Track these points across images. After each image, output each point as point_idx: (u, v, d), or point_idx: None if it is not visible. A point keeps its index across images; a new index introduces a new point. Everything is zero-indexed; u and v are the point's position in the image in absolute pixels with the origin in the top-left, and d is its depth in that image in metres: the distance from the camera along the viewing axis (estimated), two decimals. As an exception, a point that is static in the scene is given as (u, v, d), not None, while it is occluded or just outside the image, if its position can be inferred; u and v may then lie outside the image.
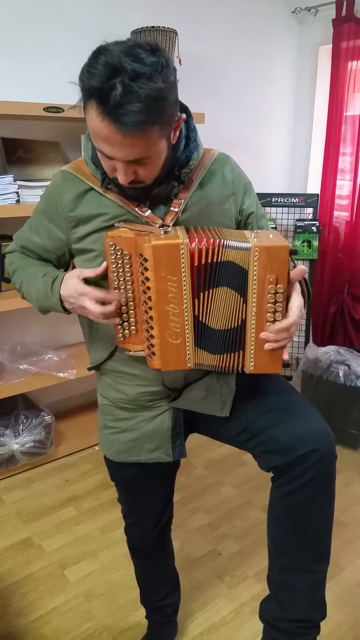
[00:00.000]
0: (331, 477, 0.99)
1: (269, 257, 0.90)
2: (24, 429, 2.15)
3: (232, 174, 1.08)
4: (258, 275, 0.91)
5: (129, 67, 0.79)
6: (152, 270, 0.92)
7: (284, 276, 0.91)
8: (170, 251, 0.91)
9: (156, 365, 0.98)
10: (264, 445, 1.02)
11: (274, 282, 0.91)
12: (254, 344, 0.95)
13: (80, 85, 0.85)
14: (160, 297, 0.93)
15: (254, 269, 0.91)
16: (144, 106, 0.81)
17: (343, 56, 2.65)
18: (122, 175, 0.90)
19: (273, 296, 0.92)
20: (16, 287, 1.14)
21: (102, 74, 0.80)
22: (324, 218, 2.86)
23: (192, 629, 1.52)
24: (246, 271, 0.92)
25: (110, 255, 0.96)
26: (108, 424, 1.17)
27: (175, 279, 0.92)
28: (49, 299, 1.03)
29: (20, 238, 1.15)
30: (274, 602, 1.10)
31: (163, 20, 2.26)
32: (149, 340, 0.96)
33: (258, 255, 0.90)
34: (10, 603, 1.60)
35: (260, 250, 0.90)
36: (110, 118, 0.81)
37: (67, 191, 1.02)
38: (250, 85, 2.83)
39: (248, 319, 0.95)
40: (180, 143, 1.00)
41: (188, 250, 0.91)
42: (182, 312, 0.94)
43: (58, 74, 2.14)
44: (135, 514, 1.28)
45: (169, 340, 0.96)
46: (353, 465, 2.25)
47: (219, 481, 2.18)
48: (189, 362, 0.98)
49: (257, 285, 0.92)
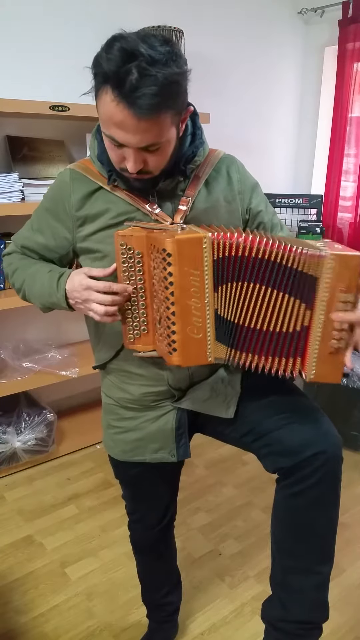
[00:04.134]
0: (337, 479, 1.00)
1: (343, 267, 0.90)
2: (26, 427, 2.16)
3: (237, 174, 1.08)
4: (330, 284, 0.91)
5: (145, 52, 0.80)
6: (176, 265, 0.90)
7: (353, 286, 0.91)
8: (193, 245, 0.90)
9: (175, 361, 0.96)
10: (270, 446, 1.02)
11: (345, 292, 0.91)
12: (317, 352, 0.94)
13: (94, 71, 0.85)
14: (184, 292, 0.92)
15: (326, 277, 0.91)
16: (160, 90, 0.81)
17: (349, 57, 2.64)
18: (132, 163, 0.90)
19: (343, 305, 0.92)
20: (16, 287, 1.12)
21: (118, 59, 0.81)
22: (328, 219, 2.86)
23: (192, 628, 1.52)
24: (315, 278, 0.91)
25: (120, 254, 0.95)
26: (112, 423, 1.17)
27: (198, 272, 0.92)
28: (54, 294, 1.02)
29: (21, 238, 1.13)
30: (276, 603, 1.10)
31: (169, 20, 2.26)
32: (169, 336, 0.95)
33: (333, 264, 0.90)
34: (11, 600, 1.60)
35: (336, 259, 0.90)
36: (126, 101, 0.82)
37: (76, 190, 1.02)
38: (256, 86, 2.83)
39: (314, 327, 0.94)
40: (187, 138, 1.00)
41: (210, 244, 0.91)
42: (204, 306, 0.94)
43: (63, 72, 2.14)
44: (139, 511, 1.28)
45: (190, 335, 0.94)
46: (354, 467, 2.25)
47: (220, 481, 2.18)
48: (210, 357, 0.97)
49: (328, 294, 0.91)
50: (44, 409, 2.25)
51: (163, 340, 0.97)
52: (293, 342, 0.95)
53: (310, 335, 0.94)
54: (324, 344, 0.94)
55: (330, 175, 2.81)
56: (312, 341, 0.94)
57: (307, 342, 0.95)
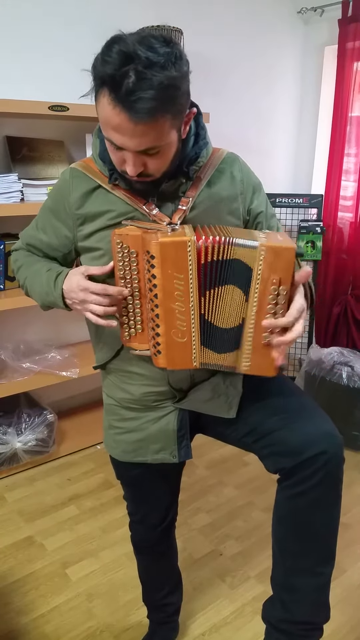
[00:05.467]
0: (339, 479, 0.99)
1: (275, 258, 0.89)
2: (26, 428, 2.15)
3: (240, 173, 1.07)
4: (262, 275, 0.90)
5: (143, 55, 0.80)
6: (159, 268, 0.91)
7: (287, 278, 0.90)
8: (177, 248, 0.90)
9: (162, 364, 0.97)
10: (272, 447, 1.02)
11: (277, 283, 0.90)
12: (250, 344, 0.94)
13: (93, 73, 0.85)
14: (167, 295, 0.92)
15: (258, 268, 0.90)
16: (157, 93, 0.81)
17: (349, 56, 2.64)
18: (131, 166, 0.90)
19: (275, 297, 0.91)
20: (20, 284, 1.14)
21: (115, 62, 0.80)
22: (328, 219, 2.86)
23: (193, 629, 1.51)
24: (251, 269, 0.91)
25: (117, 253, 0.96)
26: (113, 423, 1.17)
27: (182, 276, 0.91)
28: (51, 294, 1.02)
29: (27, 236, 1.15)
30: (277, 604, 1.10)
31: (168, 20, 2.26)
32: (154, 338, 0.96)
33: (264, 254, 0.89)
34: (12, 601, 1.60)
35: (267, 250, 0.89)
36: (122, 105, 0.81)
37: (75, 189, 1.02)
38: (256, 85, 2.83)
39: (247, 318, 0.94)
40: (190, 139, 1.00)
41: (195, 248, 0.90)
42: (189, 311, 0.94)
43: (63, 72, 2.14)
44: (140, 511, 1.28)
45: (174, 338, 0.95)
46: (355, 467, 2.24)
47: (221, 481, 2.18)
48: (195, 361, 0.97)
49: (260, 285, 0.91)
50: (44, 410, 2.24)
51: (150, 341, 0.98)
52: (236, 336, 0.96)
53: (244, 327, 0.94)
54: (257, 335, 0.93)
55: (331, 174, 2.81)
56: (245, 333, 0.94)
57: (242, 334, 0.95)
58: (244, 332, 0.95)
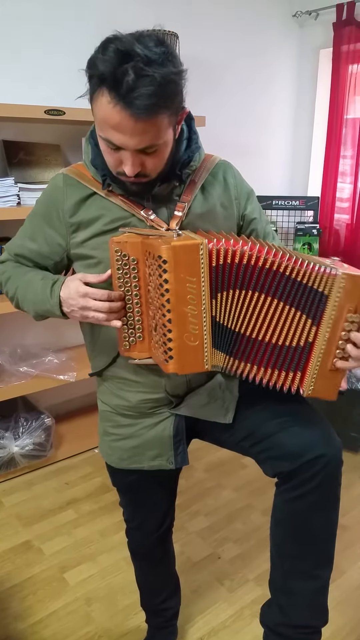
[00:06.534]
0: (337, 483, 0.99)
1: (354, 286, 0.91)
2: (23, 432, 2.15)
3: (234, 179, 1.08)
4: (339, 303, 0.92)
5: (141, 52, 0.80)
6: (172, 272, 0.90)
7: None
8: (189, 252, 0.90)
9: (172, 369, 0.95)
10: (269, 451, 1.02)
11: (353, 311, 0.92)
12: (318, 369, 0.95)
13: (89, 73, 0.84)
14: (180, 299, 0.92)
15: (336, 296, 0.91)
16: (157, 89, 0.81)
17: (343, 59, 2.65)
18: (129, 166, 0.89)
19: (350, 325, 0.92)
20: (9, 296, 1.10)
21: (113, 60, 0.80)
22: (325, 221, 2.86)
23: (192, 633, 1.51)
24: (326, 296, 0.92)
25: (115, 261, 0.94)
26: (109, 430, 1.16)
27: (195, 279, 0.91)
28: (47, 302, 0.99)
29: (14, 246, 1.11)
30: (275, 607, 1.09)
31: (164, 23, 2.27)
32: (165, 344, 0.94)
33: (344, 283, 0.91)
34: (9, 606, 1.59)
35: (348, 279, 0.90)
36: (123, 103, 0.81)
37: (69, 196, 1.00)
38: (251, 89, 2.83)
39: (318, 343, 0.94)
40: (182, 143, 1.00)
41: (207, 251, 0.90)
42: (201, 313, 0.93)
43: (59, 76, 2.15)
44: (137, 518, 1.27)
45: (187, 342, 0.94)
46: (354, 468, 2.24)
47: (219, 484, 2.17)
48: (207, 364, 0.96)
49: (336, 312, 0.92)
50: (41, 414, 2.24)
51: (159, 347, 0.96)
52: (295, 357, 0.95)
53: (313, 351, 0.95)
54: (326, 361, 0.95)
55: (327, 177, 2.82)
56: (314, 357, 0.95)
57: (310, 358, 0.96)
58: (311, 356, 0.95)
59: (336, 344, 0.94)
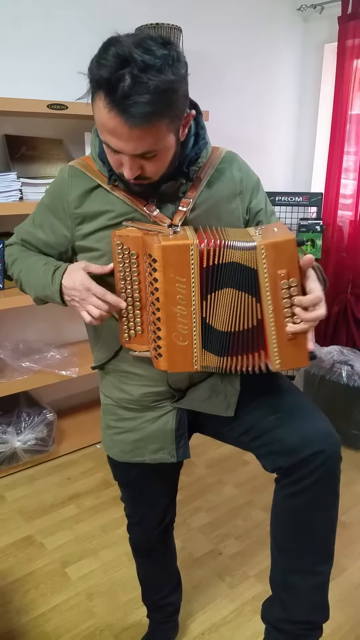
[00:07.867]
0: (336, 478, 0.99)
1: (277, 253, 0.89)
2: (26, 427, 2.15)
3: (239, 172, 1.07)
4: (269, 273, 0.90)
5: (139, 58, 0.78)
6: (161, 272, 0.90)
7: (294, 269, 0.90)
8: (179, 252, 0.90)
9: (163, 366, 0.97)
10: (269, 446, 1.02)
11: (286, 277, 0.90)
12: (276, 341, 0.94)
13: (89, 76, 0.84)
14: (169, 298, 0.92)
15: (263, 267, 0.90)
16: (153, 98, 0.79)
17: (348, 54, 2.63)
18: (128, 170, 0.89)
19: (287, 291, 0.91)
20: (14, 278, 1.13)
21: (111, 65, 0.79)
22: (328, 217, 2.85)
23: (193, 628, 1.51)
24: (255, 270, 0.91)
25: (117, 254, 0.95)
26: (111, 423, 1.16)
27: (184, 280, 0.91)
28: (48, 287, 1.01)
29: (22, 231, 1.14)
30: (276, 603, 1.10)
31: (167, 18, 2.25)
32: (155, 341, 0.95)
33: (265, 252, 0.89)
34: (12, 601, 1.60)
35: (267, 248, 0.89)
36: (118, 109, 0.80)
37: (74, 188, 1.01)
38: (255, 83, 2.82)
39: (265, 317, 0.94)
40: (190, 140, 0.99)
41: (198, 252, 0.90)
42: (190, 314, 0.93)
43: (61, 70, 2.14)
44: (138, 513, 1.27)
45: (175, 341, 0.95)
46: (355, 466, 2.24)
47: (221, 480, 2.18)
48: (196, 365, 0.97)
49: (270, 283, 0.91)
50: (43, 409, 2.24)
51: (151, 343, 0.98)
52: (254, 337, 0.95)
53: (265, 326, 0.94)
54: (280, 332, 0.93)
55: (330, 173, 2.81)
56: (268, 332, 0.94)
57: (265, 334, 0.95)
58: (265, 332, 0.94)
59: (282, 313, 0.92)
